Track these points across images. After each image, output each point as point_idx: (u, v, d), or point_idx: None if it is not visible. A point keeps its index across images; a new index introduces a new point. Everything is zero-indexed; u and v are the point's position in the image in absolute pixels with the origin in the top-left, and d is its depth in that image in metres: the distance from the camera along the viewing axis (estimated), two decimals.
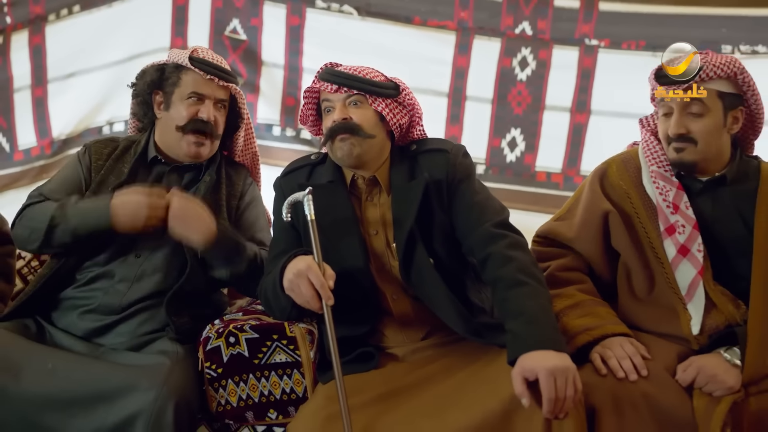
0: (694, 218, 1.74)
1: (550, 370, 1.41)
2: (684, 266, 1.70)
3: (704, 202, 1.79)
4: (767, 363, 1.58)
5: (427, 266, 1.69)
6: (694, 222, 1.73)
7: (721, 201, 1.79)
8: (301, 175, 1.83)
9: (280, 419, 1.75)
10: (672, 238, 1.73)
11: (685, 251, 1.71)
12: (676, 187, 1.78)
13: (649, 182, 1.83)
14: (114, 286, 1.88)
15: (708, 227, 1.76)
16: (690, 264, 1.70)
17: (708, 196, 1.80)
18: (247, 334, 1.72)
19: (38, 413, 1.65)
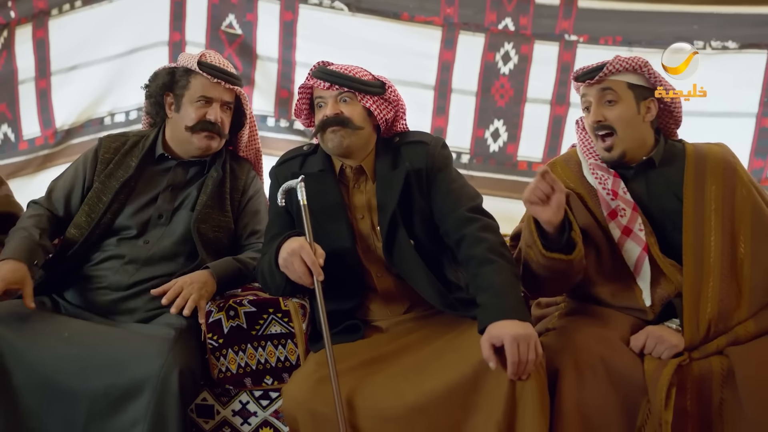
0: (632, 201, 1.92)
1: (514, 337, 1.60)
2: (629, 245, 1.89)
3: (639, 185, 1.97)
4: (701, 328, 1.77)
5: (408, 247, 1.87)
6: (633, 204, 1.91)
7: (654, 182, 1.97)
8: (294, 165, 2.00)
9: (275, 384, 1.94)
10: (615, 221, 1.91)
11: (628, 231, 1.89)
12: (612, 175, 1.96)
13: (589, 174, 2.00)
14: (123, 266, 2.06)
15: (646, 206, 1.94)
16: (634, 242, 1.88)
17: (641, 179, 1.97)
18: (245, 308, 1.91)
19: (55, 376, 1.83)
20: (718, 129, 3.38)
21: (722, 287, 1.82)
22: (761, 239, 1.87)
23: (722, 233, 1.87)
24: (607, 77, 1.94)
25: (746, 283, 1.84)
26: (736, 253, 1.86)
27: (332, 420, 1.67)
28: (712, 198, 1.90)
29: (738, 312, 1.81)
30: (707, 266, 1.84)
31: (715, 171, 1.93)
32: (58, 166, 3.58)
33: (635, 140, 1.95)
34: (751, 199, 1.91)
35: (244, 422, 1.97)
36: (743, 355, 1.72)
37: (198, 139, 2.13)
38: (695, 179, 1.93)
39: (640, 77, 1.96)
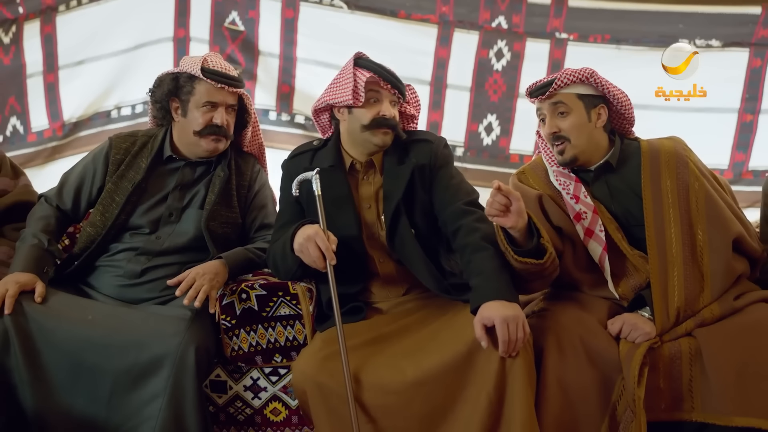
0: (592, 204, 2.09)
1: (504, 318, 1.78)
2: (592, 245, 2.07)
3: (600, 188, 2.15)
4: (670, 315, 1.95)
5: (409, 235, 2.05)
6: (593, 207, 2.08)
7: (613, 183, 2.14)
8: (305, 159, 2.16)
9: (284, 362, 2.12)
10: (579, 223, 2.08)
11: (590, 233, 2.07)
12: (574, 180, 2.13)
13: (554, 180, 2.18)
14: (136, 257, 2.22)
15: (610, 206, 2.12)
16: (596, 243, 2.06)
17: (602, 181, 2.15)
18: (256, 291, 2.09)
19: (80, 354, 1.99)
20: (702, 124, 3.57)
21: (686, 275, 1.99)
22: (715, 227, 2.04)
23: (681, 224, 2.03)
24: (558, 91, 2.10)
25: (707, 269, 2.01)
26: (695, 241, 2.03)
27: (338, 392, 1.85)
28: (668, 192, 2.07)
29: (702, 296, 1.99)
30: (670, 257, 2.01)
31: (669, 165, 2.09)
32: (66, 158, 3.74)
33: (589, 145, 2.12)
34: (704, 190, 2.07)
35: (254, 397, 2.15)
36: (709, 336, 1.90)
37: (206, 143, 2.27)
38: (651, 176, 2.09)
39: (588, 87, 2.12)
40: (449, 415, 1.84)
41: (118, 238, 2.25)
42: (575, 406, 1.87)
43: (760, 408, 1.77)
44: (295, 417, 2.15)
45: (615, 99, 2.13)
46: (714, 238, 2.03)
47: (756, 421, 1.76)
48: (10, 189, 2.47)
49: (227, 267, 2.14)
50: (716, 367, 1.85)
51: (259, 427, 2.18)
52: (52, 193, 2.34)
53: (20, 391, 1.99)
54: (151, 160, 2.29)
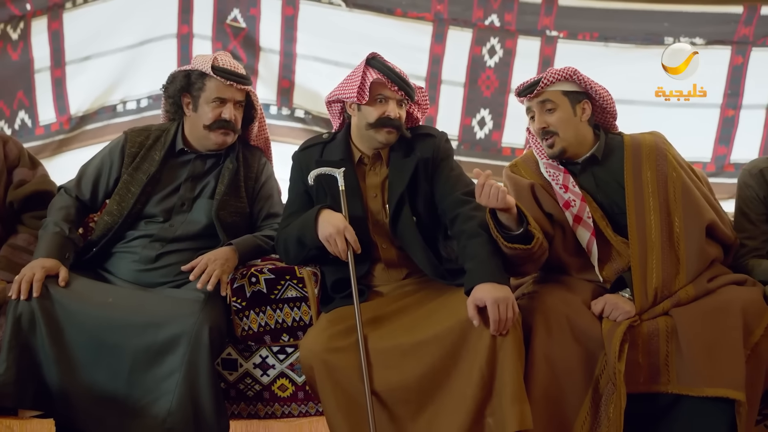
0: (580, 193, 2.25)
1: (495, 299, 1.95)
2: (580, 231, 2.24)
3: (586, 179, 2.32)
4: (649, 296, 2.13)
5: (411, 223, 2.22)
6: (581, 196, 2.25)
7: (599, 174, 2.31)
8: (315, 152, 2.32)
9: (291, 341, 2.29)
10: (568, 211, 2.25)
11: (578, 219, 2.24)
12: (562, 172, 2.30)
13: (545, 172, 2.35)
14: (150, 243, 2.38)
15: (595, 196, 2.30)
16: (584, 228, 2.23)
17: (588, 173, 2.32)
18: (265, 275, 2.26)
19: (102, 334, 2.16)
20: (686, 118, 3.76)
21: (663, 259, 2.17)
22: (691, 215, 2.22)
23: (660, 213, 2.21)
24: (544, 89, 2.27)
25: (683, 254, 2.19)
26: (673, 228, 2.21)
27: (342, 367, 2.03)
28: (648, 182, 2.24)
29: (678, 278, 2.16)
30: (650, 242, 2.19)
31: (650, 158, 2.27)
32: (72, 151, 3.93)
33: (576, 138, 2.29)
34: (681, 180, 2.25)
35: (263, 374, 2.32)
36: (684, 315, 2.08)
37: (215, 136, 2.43)
38: (633, 168, 2.27)
39: (572, 84, 2.28)
40: (444, 388, 2.02)
41: (134, 225, 2.41)
42: (561, 380, 2.04)
43: (728, 380, 1.95)
44: (301, 393, 2.33)
45: (597, 94, 2.30)
46: (689, 225, 2.20)
47: (723, 391, 1.94)
48: (28, 179, 2.60)
49: (237, 253, 2.31)
50: (690, 343, 2.03)
51: (267, 403, 2.35)
52: (71, 184, 2.50)
53: (46, 367, 2.15)
54: (165, 153, 2.45)
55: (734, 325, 2.03)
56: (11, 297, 2.17)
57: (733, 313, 2.05)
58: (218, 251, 2.29)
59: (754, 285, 2.22)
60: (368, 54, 2.27)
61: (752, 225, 2.36)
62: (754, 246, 2.34)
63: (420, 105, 2.36)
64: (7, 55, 3.91)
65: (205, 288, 2.21)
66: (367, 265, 2.26)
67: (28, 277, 2.17)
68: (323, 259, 2.22)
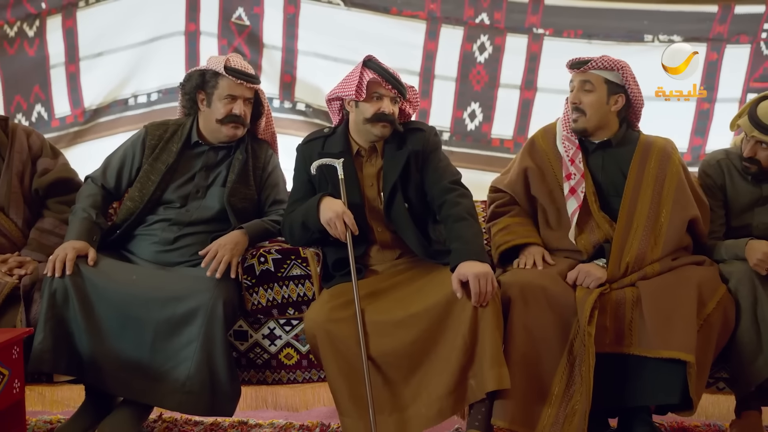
0: (582, 169, 2.55)
1: (476, 274, 2.23)
2: (570, 201, 2.53)
3: (596, 158, 2.61)
4: (621, 267, 2.42)
5: (403, 209, 2.50)
6: (582, 172, 2.54)
7: (608, 158, 2.60)
8: (317, 145, 2.58)
9: (296, 314, 2.58)
10: (568, 182, 2.55)
11: (573, 191, 2.53)
12: (575, 147, 2.60)
13: (560, 144, 2.64)
14: (168, 226, 2.66)
15: (598, 175, 2.59)
16: (574, 199, 2.52)
17: (599, 154, 2.61)
18: (273, 255, 2.54)
19: (128, 308, 2.44)
20: (665, 111, 3.95)
21: (642, 240, 2.47)
22: (678, 210, 2.52)
23: (650, 203, 2.51)
24: (590, 70, 2.54)
25: (661, 239, 2.48)
26: (659, 216, 2.50)
27: (342, 336, 2.31)
28: (649, 176, 2.54)
29: (650, 257, 2.46)
30: (635, 224, 2.49)
31: (656, 156, 2.57)
32: (87, 142, 4.13)
33: (599, 122, 2.58)
34: (678, 180, 2.55)
35: (271, 344, 2.61)
36: (648, 287, 2.38)
37: (227, 129, 2.70)
38: (640, 161, 2.57)
39: (616, 75, 2.55)
40: (432, 354, 2.30)
41: (154, 210, 2.69)
42: (538, 345, 2.33)
43: (681, 344, 2.24)
44: (305, 361, 2.62)
45: (632, 95, 2.58)
46: (674, 217, 2.50)
47: (677, 353, 2.23)
48: (51, 168, 2.88)
49: (248, 236, 2.58)
50: (651, 312, 2.32)
51: (274, 370, 2.64)
52: (97, 174, 2.77)
53: (77, 337, 2.44)
54: (181, 145, 2.72)
55: (690, 298, 2.32)
56: (47, 274, 2.45)
57: (690, 288, 2.34)
58: (229, 235, 2.57)
59: (711, 265, 2.51)
60: (365, 56, 2.53)
61: (712, 211, 2.64)
62: (712, 229, 2.63)
63: (411, 102, 2.63)
64: (24, 51, 4.12)
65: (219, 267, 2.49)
66: (364, 246, 2.54)
67: (62, 257, 2.45)
68: (324, 241, 2.50)
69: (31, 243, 2.71)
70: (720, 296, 2.37)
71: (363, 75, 2.48)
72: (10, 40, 4.13)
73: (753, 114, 2.55)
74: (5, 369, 2.12)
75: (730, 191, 2.66)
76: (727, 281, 2.44)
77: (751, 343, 2.36)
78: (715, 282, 2.42)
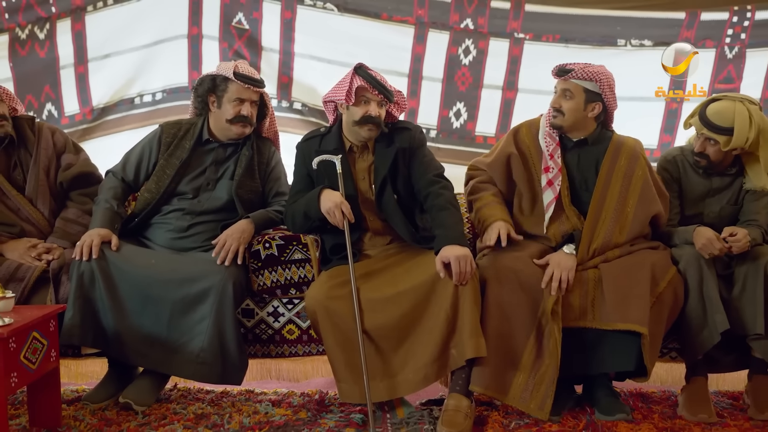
0: (560, 164, 2.89)
1: (457, 257, 2.59)
2: (547, 193, 2.87)
3: (573, 155, 2.95)
4: (589, 252, 2.77)
5: (392, 200, 2.84)
6: (560, 166, 2.88)
7: (584, 155, 2.94)
8: (314, 143, 2.91)
9: (297, 294, 2.94)
10: (545, 174, 2.89)
11: (550, 183, 2.87)
12: (555, 143, 2.93)
13: (542, 138, 2.98)
14: (182, 215, 3.01)
15: (573, 171, 2.93)
16: (551, 191, 2.86)
17: (576, 151, 2.95)
18: (276, 241, 2.90)
19: (147, 288, 2.78)
20: (636, 110, 4.29)
21: (608, 229, 2.82)
22: (644, 205, 2.86)
23: (618, 196, 2.86)
24: (570, 80, 2.87)
25: (625, 229, 2.84)
26: (625, 209, 2.85)
27: (340, 312, 2.65)
28: (619, 172, 2.89)
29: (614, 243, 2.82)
30: (603, 215, 2.84)
31: (626, 155, 2.91)
32: (95, 139, 4.40)
33: (575, 124, 2.90)
34: (644, 177, 2.89)
35: (275, 320, 2.97)
36: (608, 269, 2.74)
37: (235, 128, 3.04)
38: (611, 158, 2.91)
39: (594, 85, 2.86)
40: (418, 327, 2.65)
41: (169, 201, 3.04)
42: (511, 320, 2.68)
43: (635, 318, 2.60)
44: (305, 336, 2.98)
45: (608, 103, 2.90)
46: (639, 211, 2.85)
47: (632, 325, 2.59)
48: (74, 163, 3.21)
49: (254, 224, 2.94)
50: (610, 290, 2.68)
51: (277, 344, 3.00)
52: (118, 168, 3.11)
53: (102, 314, 2.78)
54: (194, 142, 3.07)
55: (644, 278, 2.68)
56: (75, 258, 2.79)
57: (645, 269, 2.70)
58: (237, 225, 2.91)
59: (664, 249, 2.88)
60: (356, 64, 2.86)
61: None
62: (669, 218, 3.00)
63: (399, 104, 2.95)
64: (35, 52, 4.38)
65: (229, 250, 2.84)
66: (358, 233, 2.88)
67: (88, 243, 2.80)
68: (323, 229, 2.84)
69: (56, 231, 3.05)
70: (671, 276, 2.73)
71: (353, 81, 2.81)
72: (22, 42, 4.39)
73: (703, 114, 2.91)
74: (44, 339, 2.46)
75: (684, 184, 3.03)
76: (678, 263, 2.80)
77: (697, 317, 2.72)
78: (667, 264, 2.78)
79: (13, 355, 2.27)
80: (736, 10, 4.23)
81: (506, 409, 2.75)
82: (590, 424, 2.58)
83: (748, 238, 2.76)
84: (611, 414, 2.65)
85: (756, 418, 2.68)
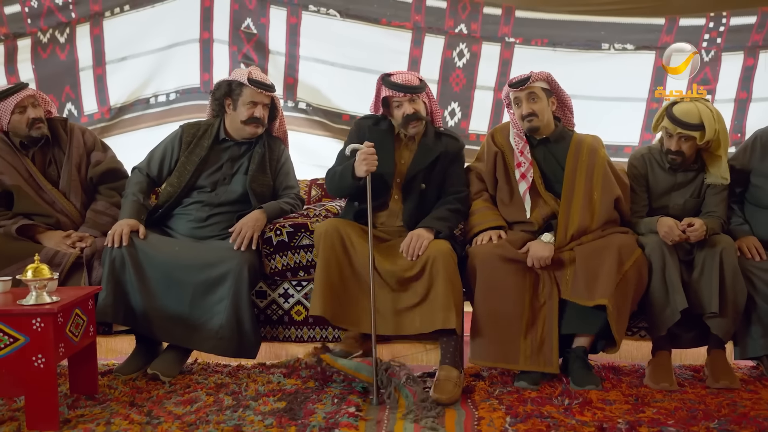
0: (530, 159, 3.28)
1: (412, 234, 3.06)
2: (521, 184, 3.26)
3: (539, 151, 3.35)
4: (566, 238, 3.15)
5: (419, 187, 3.24)
6: (530, 161, 3.28)
7: (547, 152, 3.34)
8: (369, 120, 3.32)
9: (306, 276, 3.33)
10: (519, 169, 3.28)
11: (523, 176, 3.26)
12: (524, 141, 3.33)
13: (512, 138, 3.37)
14: (201, 207, 3.39)
15: (542, 165, 3.32)
16: (525, 182, 3.25)
17: (541, 148, 3.35)
18: (287, 229, 3.29)
19: (171, 272, 3.16)
20: (618, 110, 4.67)
21: (581, 215, 3.20)
22: (606, 191, 3.25)
23: (584, 186, 3.25)
24: (532, 83, 3.26)
25: (596, 215, 3.23)
26: (592, 196, 3.24)
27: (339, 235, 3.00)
28: (583, 166, 3.28)
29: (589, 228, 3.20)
30: (574, 203, 3.22)
31: (587, 151, 3.31)
32: (113, 136, 4.79)
33: (547, 121, 3.32)
34: (603, 169, 3.28)
35: (285, 301, 3.36)
36: (582, 251, 3.11)
37: (249, 128, 3.42)
38: (574, 154, 3.31)
39: (548, 84, 3.31)
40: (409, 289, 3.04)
41: (189, 194, 3.42)
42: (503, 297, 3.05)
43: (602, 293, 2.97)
44: (310, 318, 3.36)
45: (561, 96, 3.33)
46: (604, 196, 3.24)
47: (599, 300, 2.97)
48: (102, 160, 3.60)
49: (266, 214, 3.33)
50: (581, 269, 3.06)
51: (286, 326, 3.38)
52: (143, 165, 3.50)
53: (131, 296, 3.17)
54: (211, 141, 3.45)
55: (611, 258, 3.05)
56: (107, 245, 3.18)
57: (612, 250, 3.07)
58: (251, 215, 3.30)
59: (632, 234, 3.27)
60: (382, 73, 3.25)
61: (636, 195, 3.40)
62: (636, 209, 3.39)
63: (429, 95, 3.32)
64: (56, 55, 4.78)
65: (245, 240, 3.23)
66: (382, 198, 3.23)
67: (119, 232, 3.19)
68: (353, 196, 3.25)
69: (87, 221, 3.44)
70: (636, 257, 3.10)
71: (380, 92, 3.26)
72: (44, 45, 4.78)
73: (673, 117, 3.28)
74: (84, 316, 2.84)
75: (651, 179, 3.42)
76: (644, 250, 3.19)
77: (660, 297, 3.10)
78: (633, 246, 3.15)
79: (60, 328, 2.65)
80: (712, 16, 4.61)
81: (492, 379, 3.13)
82: (565, 392, 2.96)
83: (704, 228, 3.14)
84: (583, 385, 3.00)
85: (712, 387, 3.06)
